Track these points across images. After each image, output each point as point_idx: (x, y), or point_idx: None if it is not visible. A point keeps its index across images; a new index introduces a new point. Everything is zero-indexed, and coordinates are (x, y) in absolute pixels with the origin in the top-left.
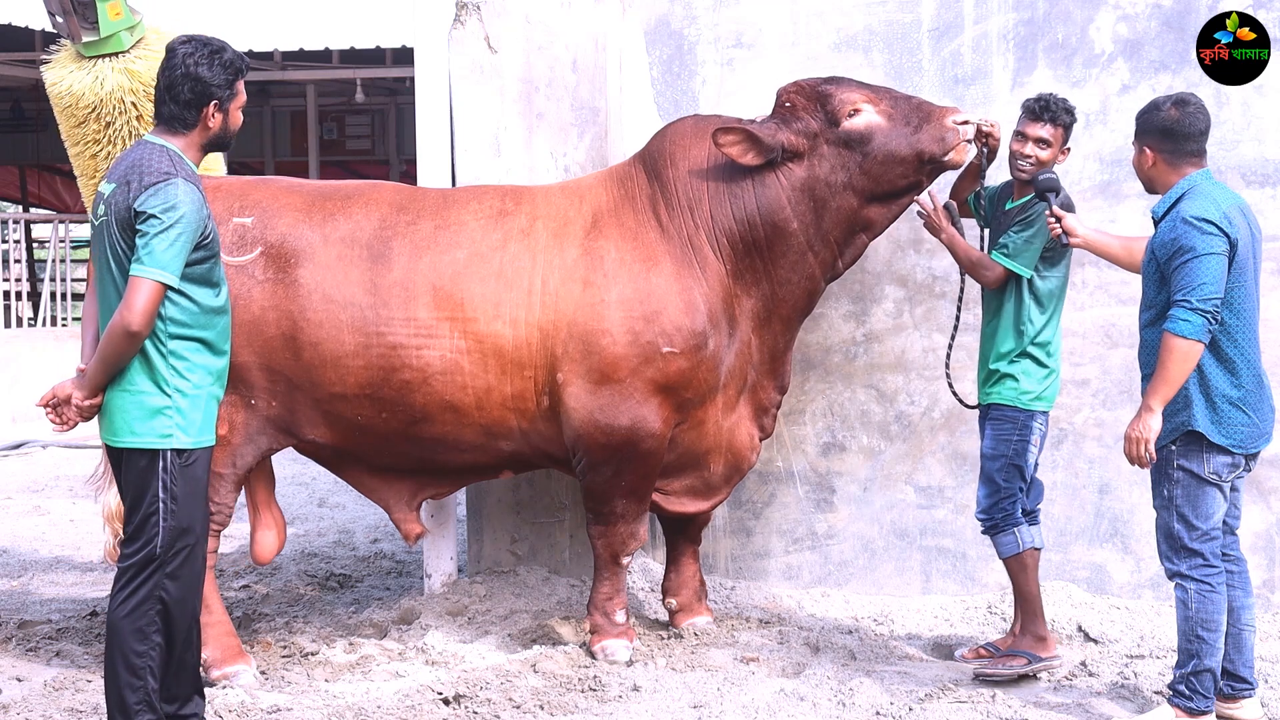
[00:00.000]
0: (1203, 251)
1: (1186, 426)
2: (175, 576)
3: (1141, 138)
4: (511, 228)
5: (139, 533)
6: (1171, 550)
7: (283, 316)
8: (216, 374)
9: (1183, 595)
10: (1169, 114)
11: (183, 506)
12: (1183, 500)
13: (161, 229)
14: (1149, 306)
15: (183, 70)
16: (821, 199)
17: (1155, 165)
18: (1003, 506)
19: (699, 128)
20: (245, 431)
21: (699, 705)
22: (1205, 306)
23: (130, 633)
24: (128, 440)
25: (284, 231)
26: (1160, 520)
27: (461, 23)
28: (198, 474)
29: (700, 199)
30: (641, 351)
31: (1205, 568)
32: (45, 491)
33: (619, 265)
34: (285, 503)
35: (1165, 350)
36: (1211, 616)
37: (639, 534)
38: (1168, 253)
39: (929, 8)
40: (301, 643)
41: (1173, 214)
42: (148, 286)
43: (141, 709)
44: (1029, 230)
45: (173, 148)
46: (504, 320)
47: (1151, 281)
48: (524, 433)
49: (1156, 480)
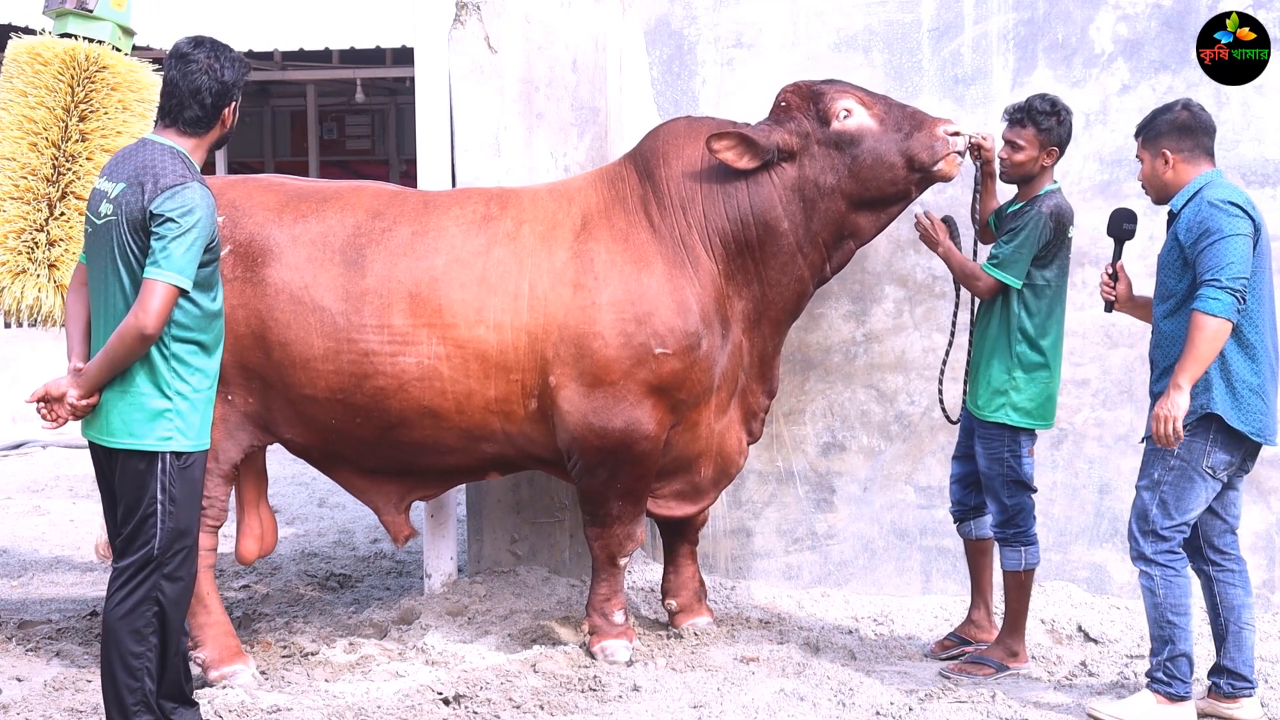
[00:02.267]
0: (1230, 233)
1: (1205, 409)
2: (173, 578)
3: (1157, 142)
4: (496, 232)
5: (136, 534)
6: (1142, 533)
7: (251, 315)
8: (213, 377)
9: (1149, 583)
10: (1181, 114)
11: (181, 509)
12: (1169, 486)
13: (179, 233)
14: (1168, 296)
15: (207, 74)
16: (811, 200)
17: (1174, 167)
18: (1016, 523)
19: (692, 128)
20: (224, 427)
21: (699, 705)
22: (1235, 285)
23: (127, 634)
24: (126, 442)
25: (252, 231)
26: (1139, 500)
27: (461, 23)
28: (195, 476)
29: (693, 198)
30: (634, 353)
31: (1171, 554)
32: (45, 491)
33: (609, 267)
34: (285, 503)
35: (1195, 329)
36: (1180, 600)
37: (636, 535)
38: (1193, 235)
39: (929, 8)
40: (301, 643)
41: (1196, 199)
42: (163, 289)
43: (139, 710)
44: (1017, 239)
45: (181, 149)
46: (487, 325)
47: (1172, 270)
48: (508, 435)
49: (1150, 460)
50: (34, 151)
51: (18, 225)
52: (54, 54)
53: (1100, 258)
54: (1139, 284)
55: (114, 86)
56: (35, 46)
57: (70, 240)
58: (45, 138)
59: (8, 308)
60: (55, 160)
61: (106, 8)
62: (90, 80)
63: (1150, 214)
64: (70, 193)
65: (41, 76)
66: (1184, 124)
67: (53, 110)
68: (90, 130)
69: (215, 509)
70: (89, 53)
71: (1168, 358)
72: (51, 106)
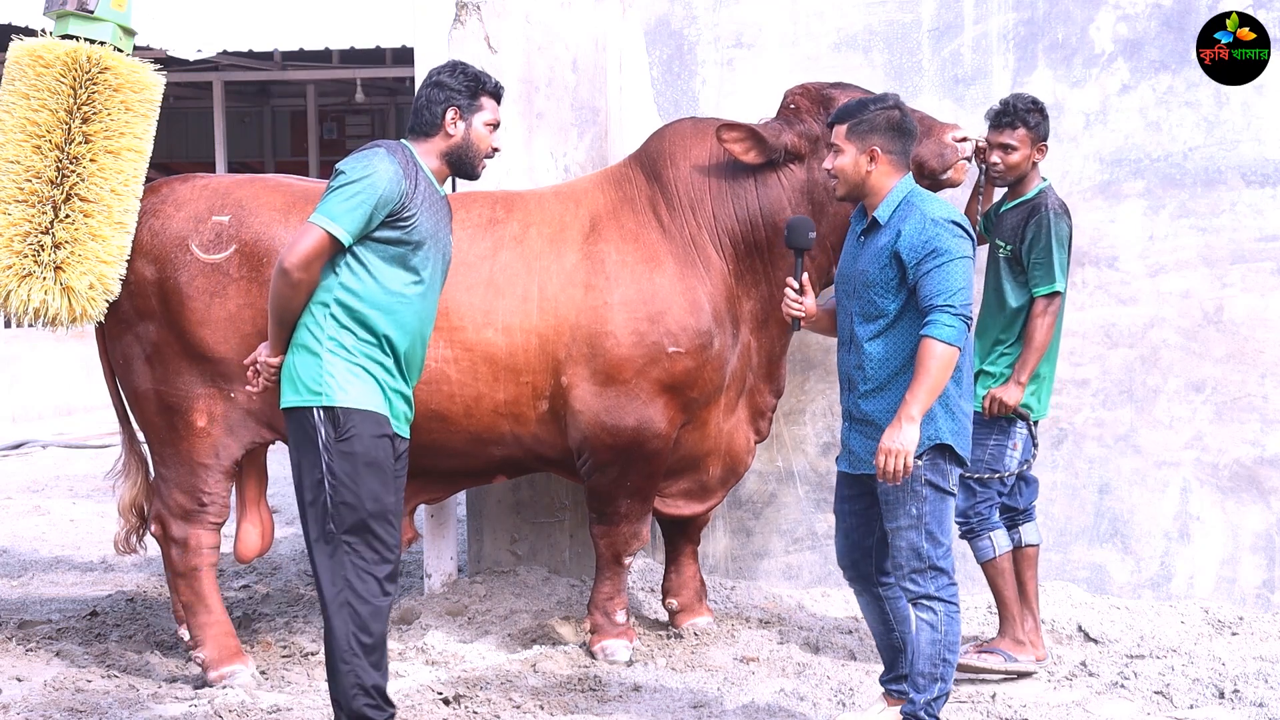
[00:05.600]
0: (957, 255)
1: (935, 440)
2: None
3: (868, 137)
4: (503, 235)
5: (311, 506)
6: (918, 571)
7: (258, 315)
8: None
9: (931, 618)
10: (895, 114)
11: (346, 483)
12: (931, 517)
13: (344, 183)
14: (876, 315)
15: (428, 81)
16: (820, 203)
17: (879, 168)
18: (978, 510)
19: (698, 128)
20: (225, 423)
21: (699, 705)
22: (966, 311)
23: (335, 611)
24: (286, 400)
25: (258, 231)
26: (906, 540)
27: (461, 23)
28: (354, 449)
29: (702, 198)
30: (647, 352)
31: (951, 586)
32: (45, 491)
33: (620, 267)
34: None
35: (929, 356)
36: (956, 639)
37: (642, 534)
38: (918, 255)
39: (929, 8)
40: (301, 643)
41: (916, 215)
42: (313, 231)
43: (356, 693)
44: (1037, 248)
45: (411, 147)
46: (495, 328)
47: (885, 289)
48: (517, 438)
49: (899, 499)
50: (38, 154)
51: (23, 228)
52: (56, 56)
53: (1101, 258)
54: (1139, 283)
55: (116, 88)
56: (37, 49)
57: (76, 243)
58: (49, 140)
59: (14, 311)
60: (59, 163)
61: (107, 8)
62: (93, 82)
63: (1151, 213)
64: (74, 195)
65: (44, 79)
66: (898, 125)
67: (56, 113)
68: (93, 132)
69: (216, 506)
70: (91, 54)
71: (871, 381)
72: (54, 109)
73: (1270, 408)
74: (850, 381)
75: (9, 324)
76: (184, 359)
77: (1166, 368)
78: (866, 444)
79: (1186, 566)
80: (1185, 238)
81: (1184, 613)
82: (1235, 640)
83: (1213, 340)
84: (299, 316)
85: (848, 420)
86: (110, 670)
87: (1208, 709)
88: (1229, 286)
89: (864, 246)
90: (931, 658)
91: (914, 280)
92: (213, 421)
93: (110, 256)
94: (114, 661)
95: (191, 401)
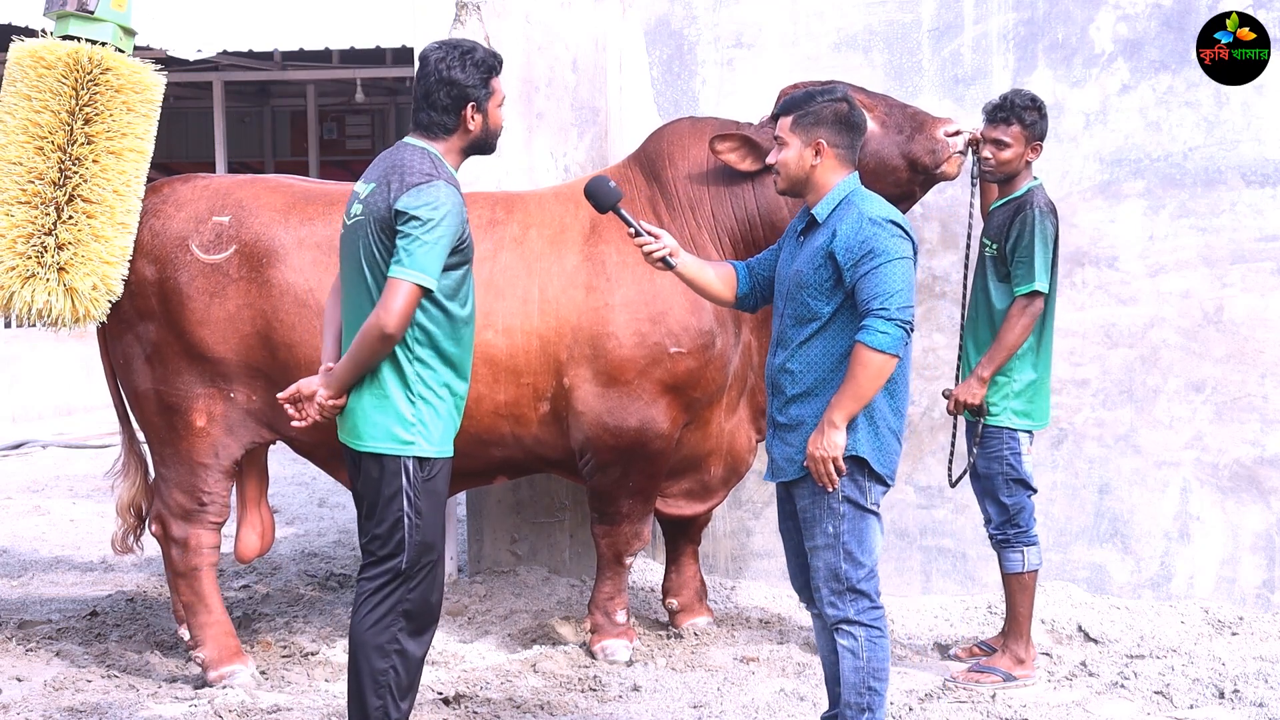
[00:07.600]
0: (895, 255)
1: (852, 451)
2: (416, 591)
3: (815, 129)
4: (503, 236)
5: (384, 544)
6: (836, 594)
7: (257, 315)
8: (455, 386)
9: (852, 644)
10: (842, 107)
11: (426, 521)
12: (849, 535)
13: (424, 230)
14: (809, 319)
15: (436, 76)
16: None
17: (824, 162)
18: (1017, 523)
19: (696, 128)
20: (225, 423)
21: (699, 705)
22: (905, 316)
23: (373, 649)
24: (370, 445)
25: (258, 231)
26: (823, 561)
27: (461, 23)
28: (438, 489)
29: (701, 199)
30: (649, 353)
31: (874, 610)
32: (45, 491)
33: (621, 268)
34: (285, 503)
35: (859, 364)
36: (883, 665)
37: (643, 534)
38: (854, 256)
39: (929, 8)
40: (301, 643)
41: (853, 215)
42: (406, 288)
43: None
44: (1020, 247)
45: (434, 151)
46: (495, 330)
47: (819, 291)
48: (518, 439)
49: (815, 517)
50: (40, 155)
51: (26, 230)
52: (57, 57)
53: (1101, 258)
54: (1139, 283)
55: (118, 88)
56: (38, 50)
57: (79, 244)
58: (51, 141)
59: (18, 312)
60: (61, 164)
61: (107, 9)
62: (94, 83)
63: (1151, 213)
64: (77, 196)
65: (45, 80)
66: (845, 118)
67: (58, 114)
68: (95, 133)
69: (216, 506)
70: (92, 55)
71: (799, 384)
72: (56, 110)
73: (1270, 408)
74: (776, 386)
75: (9, 324)
76: (184, 359)
77: (1166, 368)
78: (786, 450)
79: (1186, 566)
80: (1185, 238)
81: (1184, 613)
82: (1235, 640)
83: (1213, 340)
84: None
85: (771, 427)
86: (110, 670)
87: (1208, 709)
88: (1229, 286)
89: (802, 247)
90: (856, 686)
91: (851, 283)
92: (212, 421)
93: (113, 257)
94: (114, 661)
95: (191, 401)
